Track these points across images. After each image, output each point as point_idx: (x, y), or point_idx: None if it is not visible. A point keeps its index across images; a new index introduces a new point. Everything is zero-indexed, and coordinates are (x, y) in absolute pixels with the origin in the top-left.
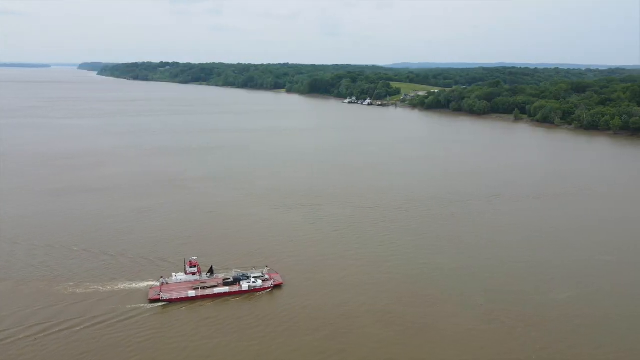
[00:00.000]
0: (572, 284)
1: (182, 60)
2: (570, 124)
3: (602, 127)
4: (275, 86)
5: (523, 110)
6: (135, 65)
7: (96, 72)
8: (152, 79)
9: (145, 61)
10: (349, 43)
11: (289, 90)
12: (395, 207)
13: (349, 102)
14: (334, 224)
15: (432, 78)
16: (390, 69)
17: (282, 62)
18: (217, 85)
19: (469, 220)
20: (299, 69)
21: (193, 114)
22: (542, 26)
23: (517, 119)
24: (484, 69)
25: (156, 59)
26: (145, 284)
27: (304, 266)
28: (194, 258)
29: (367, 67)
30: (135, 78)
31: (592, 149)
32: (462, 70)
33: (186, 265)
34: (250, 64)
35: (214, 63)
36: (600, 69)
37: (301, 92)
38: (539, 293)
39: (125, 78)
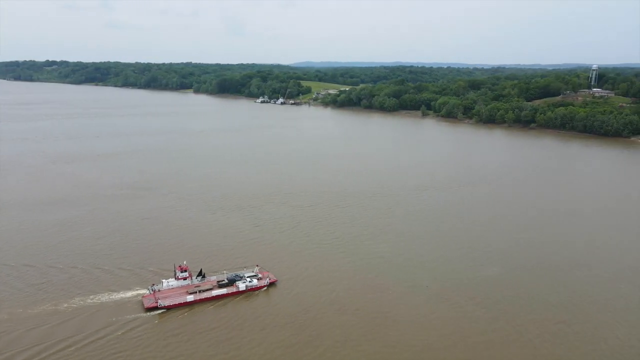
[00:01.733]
0: (499, 261)
1: (72, 59)
2: (471, 118)
3: (498, 120)
4: (181, 86)
5: (429, 107)
6: (15, 64)
7: None
8: (39, 80)
9: (28, 60)
10: (253, 42)
11: (197, 91)
12: (332, 205)
13: (262, 102)
14: (279, 225)
15: (339, 77)
16: (296, 68)
17: (185, 62)
18: (115, 86)
19: (402, 212)
20: (204, 69)
21: (98, 116)
22: (434, 28)
23: (424, 115)
24: (385, 67)
25: (41, 58)
26: (131, 293)
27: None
28: (184, 263)
29: (272, 66)
30: (17, 78)
31: (492, 141)
32: (366, 68)
33: (176, 271)
34: (151, 63)
35: (109, 62)
36: (484, 67)
37: (210, 92)
38: (473, 271)
39: (3, 79)
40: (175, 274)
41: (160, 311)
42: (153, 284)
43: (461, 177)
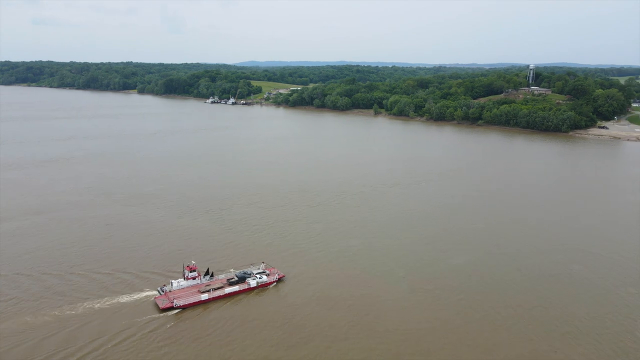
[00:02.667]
0: (464, 251)
1: None
2: (422, 116)
3: (448, 118)
4: (124, 87)
5: (380, 105)
6: None
7: None
8: None
9: None
10: (194, 41)
11: (142, 91)
12: (303, 204)
13: (212, 102)
14: (252, 226)
15: (288, 76)
16: (242, 68)
17: (124, 61)
18: (51, 87)
19: (370, 208)
20: (147, 68)
21: (37, 119)
22: (377, 28)
23: (376, 114)
24: (333, 67)
25: None
26: (138, 295)
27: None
28: (193, 262)
29: (218, 65)
30: None
31: (444, 138)
32: (313, 68)
33: (185, 270)
34: (89, 63)
35: (42, 61)
36: (427, 67)
37: (156, 92)
38: (441, 261)
39: None
40: (184, 274)
41: (175, 311)
42: (164, 285)
43: (420, 173)
